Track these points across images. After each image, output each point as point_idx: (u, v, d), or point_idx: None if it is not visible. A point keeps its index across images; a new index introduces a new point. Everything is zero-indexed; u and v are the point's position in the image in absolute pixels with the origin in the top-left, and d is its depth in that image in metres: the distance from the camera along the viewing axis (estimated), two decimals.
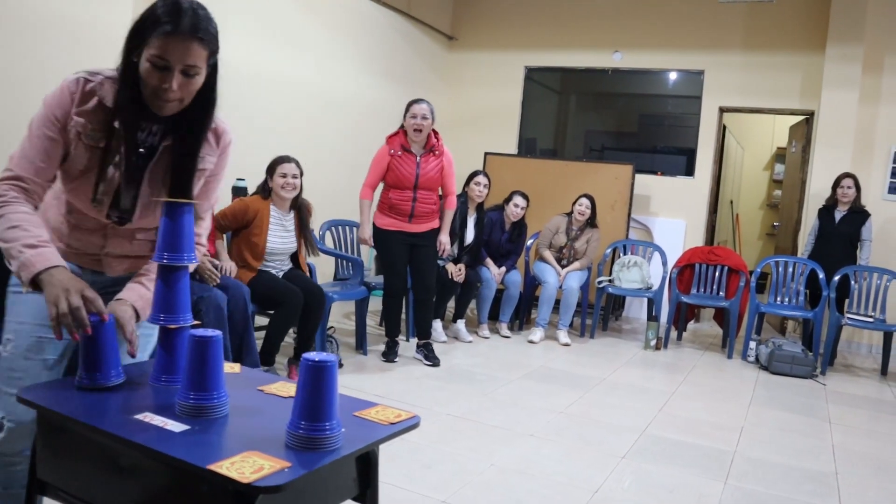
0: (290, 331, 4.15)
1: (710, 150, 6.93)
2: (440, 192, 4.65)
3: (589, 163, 6.89)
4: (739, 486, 3.10)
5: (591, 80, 7.67)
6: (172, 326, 1.69)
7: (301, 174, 4.10)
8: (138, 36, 1.57)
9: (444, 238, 4.69)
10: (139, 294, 1.75)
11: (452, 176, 4.61)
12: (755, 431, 3.89)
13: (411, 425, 1.54)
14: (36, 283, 1.55)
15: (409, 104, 4.41)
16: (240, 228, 3.97)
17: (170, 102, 1.62)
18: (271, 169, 4.05)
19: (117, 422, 1.44)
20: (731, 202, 9.31)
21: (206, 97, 1.72)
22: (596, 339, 5.91)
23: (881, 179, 6.32)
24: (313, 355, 1.37)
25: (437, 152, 4.48)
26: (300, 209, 4.16)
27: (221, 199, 4.20)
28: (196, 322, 1.73)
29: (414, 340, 4.81)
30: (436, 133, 4.50)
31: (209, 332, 1.53)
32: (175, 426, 1.44)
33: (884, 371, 5.53)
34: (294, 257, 4.22)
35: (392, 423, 1.52)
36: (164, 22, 1.54)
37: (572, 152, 7.68)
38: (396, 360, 4.66)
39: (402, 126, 4.47)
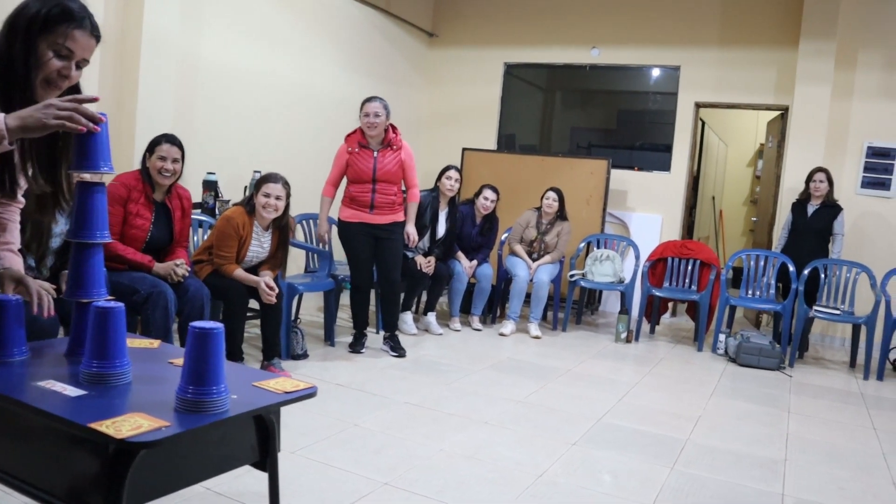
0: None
1: (687, 146, 6.96)
2: (403, 187, 4.71)
3: (565, 158, 6.92)
4: (685, 472, 3.14)
5: (572, 77, 7.71)
6: (85, 301, 1.74)
7: (288, 195, 4.03)
8: (41, 24, 1.66)
9: (411, 229, 4.75)
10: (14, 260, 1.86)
11: (413, 169, 4.67)
12: (712, 420, 3.93)
13: (307, 394, 1.58)
14: None
15: (363, 102, 4.51)
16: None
17: (61, 89, 1.72)
18: (257, 185, 4.01)
19: (17, 387, 1.48)
20: (713, 198, 9.35)
21: (76, 90, 1.79)
22: (568, 332, 5.95)
23: (854, 174, 6.35)
24: (200, 323, 1.42)
25: (395, 147, 4.55)
26: (281, 229, 4.11)
27: (193, 192, 4.27)
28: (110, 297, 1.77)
29: (383, 332, 4.85)
30: (393, 128, 4.58)
31: (112, 304, 1.58)
32: (73, 391, 1.48)
33: (852, 363, 5.56)
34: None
35: (287, 392, 1.56)
36: (78, 17, 1.68)
37: (558, 149, 7.71)
38: (363, 351, 4.71)
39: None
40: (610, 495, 2.83)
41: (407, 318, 5.33)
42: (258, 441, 1.55)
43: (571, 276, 5.99)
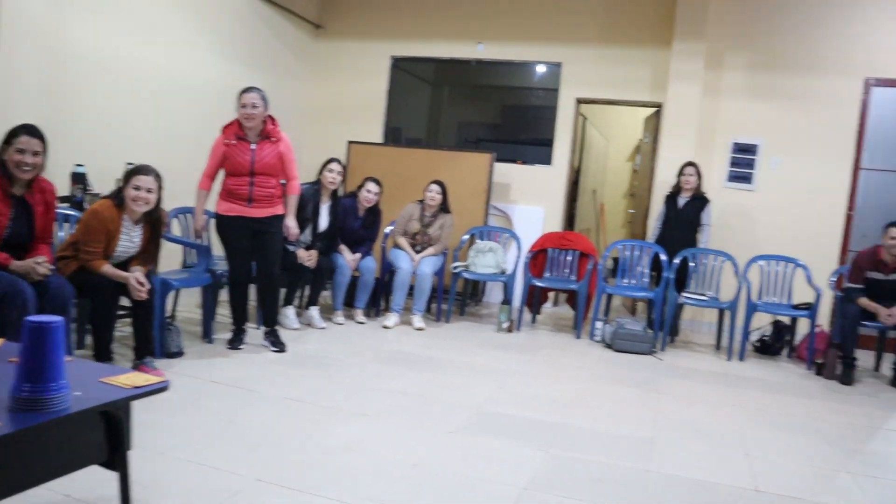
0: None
1: (568, 140, 7.18)
2: (283, 179, 4.64)
3: (450, 151, 7.00)
4: (558, 454, 3.25)
5: (459, 72, 7.78)
6: None
7: (160, 188, 3.87)
8: None
9: (291, 222, 4.68)
10: None
11: (293, 161, 4.60)
12: (588, 404, 4.08)
13: (158, 389, 1.54)
14: None
15: (240, 93, 4.39)
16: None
17: None
18: (127, 178, 3.82)
19: None
20: (594, 191, 9.67)
21: None
22: (452, 323, 6.03)
23: (721, 168, 6.72)
24: (37, 317, 1.36)
25: (273, 138, 4.46)
26: (153, 223, 3.95)
27: (61, 185, 4.05)
28: None
29: (263, 328, 4.76)
30: (272, 119, 4.48)
31: None
32: None
33: (718, 346, 5.90)
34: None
35: (137, 387, 1.52)
36: None
37: (447, 143, 7.77)
38: (242, 347, 4.61)
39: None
40: (484, 480, 2.89)
41: (289, 312, 5.26)
42: (107, 439, 1.50)
43: (454, 267, 6.07)
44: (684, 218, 6.08)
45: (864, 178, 6.45)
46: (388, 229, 6.19)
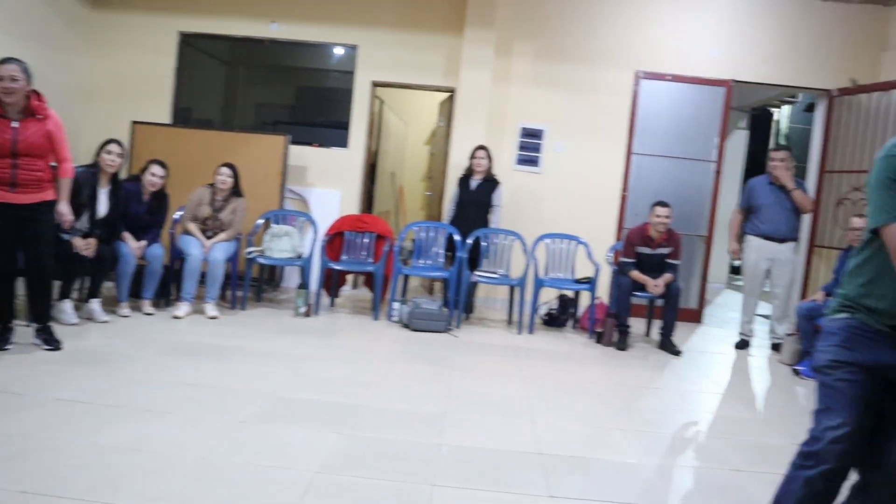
0: None
1: (364, 123, 7.18)
2: (53, 162, 4.22)
3: (243, 133, 6.76)
4: (353, 435, 3.25)
5: (254, 51, 7.50)
6: None
7: None
8: None
9: (63, 208, 4.28)
10: None
11: (64, 141, 4.20)
12: (383, 384, 4.12)
13: None
14: None
15: None
16: None
17: None
18: None
19: None
20: (393, 174, 9.78)
21: None
22: (248, 310, 5.84)
23: (511, 152, 7.04)
24: None
25: (39, 116, 4.05)
26: None
27: None
28: None
29: (34, 325, 4.33)
30: (37, 95, 4.06)
31: None
32: None
33: (509, 321, 6.20)
34: None
35: None
36: None
37: (244, 125, 7.46)
38: (9, 347, 4.16)
39: None
40: (275, 468, 2.82)
41: (65, 306, 4.83)
42: None
43: (249, 253, 5.88)
44: (477, 200, 6.30)
45: (636, 162, 7.04)
46: (177, 215, 5.86)
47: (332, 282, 6.26)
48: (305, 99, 7.67)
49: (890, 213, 1.86)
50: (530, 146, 7.06)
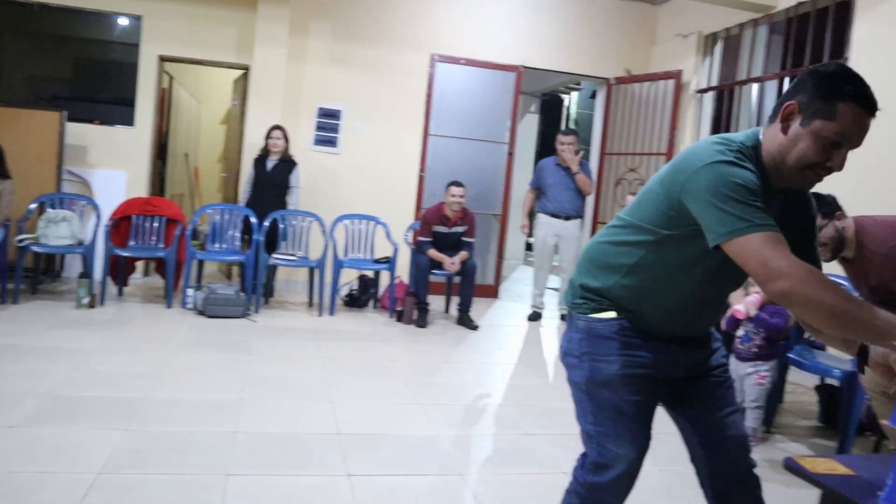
0: None
1: (151, 100, 6.74)
2: None
3: (10, 109, 6.09)
4: (141, 430, 3.08)
5: (23, 17, 6.74)
6: None
7: None
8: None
9: None
10: None
11: None
12: (175, 375, 3.93)
13: None
14: None
15: None
16: None
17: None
18: None
19: None
20: (187, 155, 9.32)
21: None
22: (22, 304, 5.31)
23: (308, 132, 6.94)
24: None
25: None
26: None
27: None
28: None
29: None
30: None
31: None
32: None
33: (310, 303, 6.14)
34: None
35: None
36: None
37: (13, 98, 6.66)
38: None
39: None
40: (51, 473, 2.61)
41: None
42: None
43: (20, 240, 5.35)
44: (273, 181, 6.16)
45: (432, 143, 7.21)
46: None
47: (118, 269, 5.86)
48: (85, 72, 7.06)
49: (744, 224, 1.45)
50: (328, 126, 7.00)
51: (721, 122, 6.50)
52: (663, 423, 1.90)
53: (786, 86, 5.71)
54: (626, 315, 1.75)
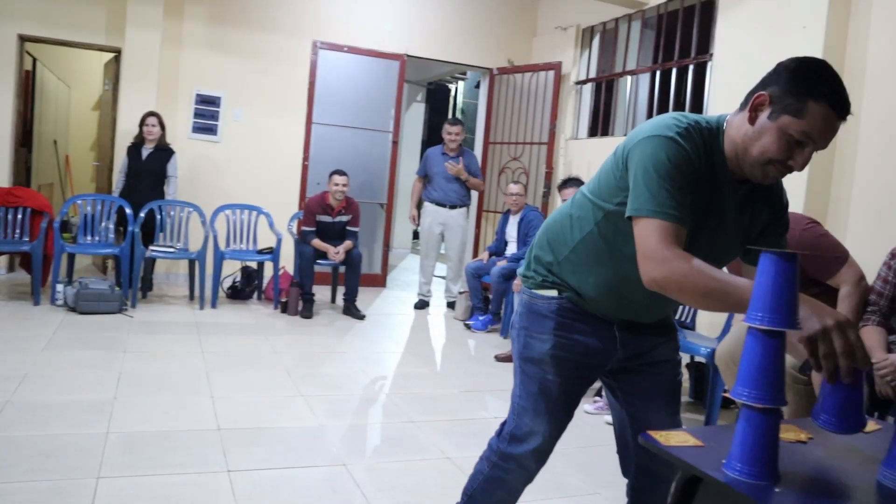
0: None
1: (12, 83, 6.31)
2: None
3: None
4: (1, 436, 2.90)
5: None
6: None
7: None
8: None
9: None
10: None
11: None
12: (42, 375, 3.72)
13: None
14: None
15: None
16: None
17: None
18: None
19: None
20: (56, 142, 8.81)
21: None
22: None
23: (186, 119, 6.69)
24: None
25: None
26: None
27: None
28: None
29: None
30: None
31: None
32: None
33: (191, 296, 5.95)
34: None
35: None
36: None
37: None
38: None
39: None
40: None
41: None
42: None
43: None
44: (149, 169, 5.92)
45: (316, 131, 7.11)
46: None
47: None
48: None
49: (652, 206, 1.46)
50: (207, 114, 6.77)
51: (599, 113, 6.73)
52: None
53: (657, 79, 5.99)
54: (569, 295, 1.75)
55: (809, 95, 1.40)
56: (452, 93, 13.50)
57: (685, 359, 4.59)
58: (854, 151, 4.18)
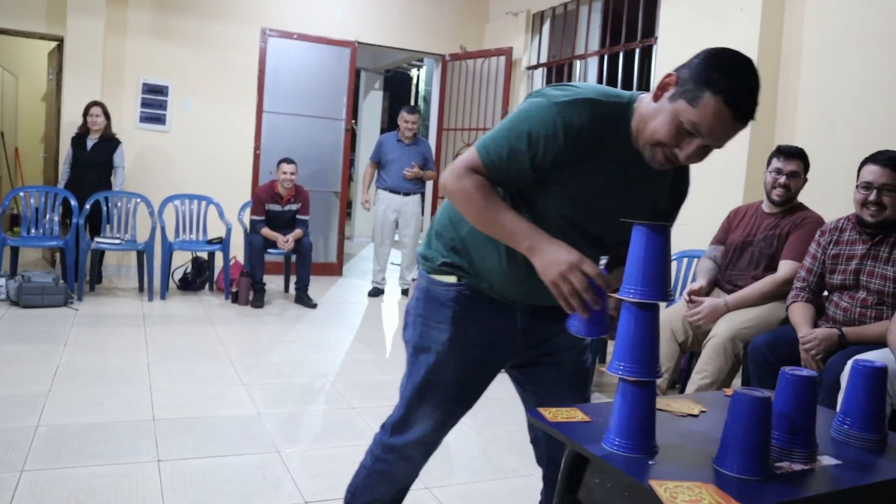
0: None
1: None
2: None
3: None
4: None
5: None
6: None
7: None
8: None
9: None
10: None
11: None
12: None
13: None
14: None
15: None
16: None
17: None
18: None
19: None
20: (2, 134, 8.63)
21: None
22: None
23: (133, 109, 6.59)
24: None
25: None
26: None
27: None
28: None
29: None
30: None
31: None
32: None
33: (141, 288, 5.87)
34: None
35: None
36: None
37: None
38: None
39: None
40: None
41: None
42: None
43: None
44: (94, 160, 5.83)
45: (267, 120, 7.05)
46: None
47: None
48: None
49: (483, 145, 1.52)
50: (155, 103, 6.67)
51: None
52: (491, 389, 1.83)
53: (605, 63, 6.02)
54: (469, 280, 1.65)
55: (708, 86, 1.34)
56: (414, 80, 13.46)
57: None
58: (793, 131, 4.23)
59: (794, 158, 3.31)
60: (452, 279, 1.67)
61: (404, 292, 6.64)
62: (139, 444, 2.89)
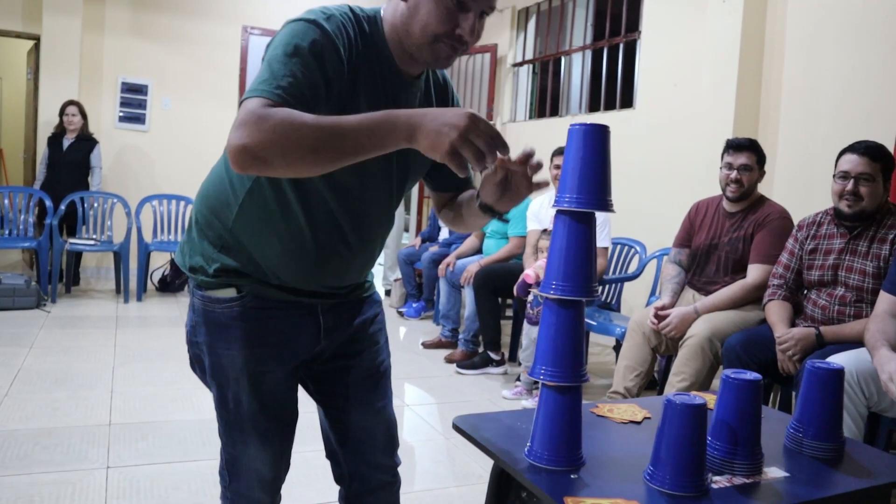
0: None
1: None
2: None
3: None
4: None
5: None
6: None
7: None
8: None
9: None
10: None
11: None
12: None
13: None
14: None
15: None
16: None
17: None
18: None
19: None
20: None
21: None
22: None
23: (111, 109, 6.49)
24: None
25: None
26: None
27: None
28: None
29: None
30: None
31: None
32: None
33: (118, 290, 5.77)
34: None
35: None
36: None
37: None
38: None
39: None
40: None
41: None
42: None
43: None
44: (71, 161, 5.75)
45: None
46: None
47: None
48: None
49: (263, 86, 1.12)
50: (134, 102, 6.57)
51: (547, 94, 6.61)
52: (461, 390, 1.74)
53: (590, 58, 5.91)
54: (251, 287, 1.34)
55: None
56: None
57: (611, 342, 4.53)
58: (777, 124, 4.12)
59: (745, 151, 3.18)
60: (231, 292, 1.34)
61: (387, 293, 6.53)
62: (89, 450, 2.79)
